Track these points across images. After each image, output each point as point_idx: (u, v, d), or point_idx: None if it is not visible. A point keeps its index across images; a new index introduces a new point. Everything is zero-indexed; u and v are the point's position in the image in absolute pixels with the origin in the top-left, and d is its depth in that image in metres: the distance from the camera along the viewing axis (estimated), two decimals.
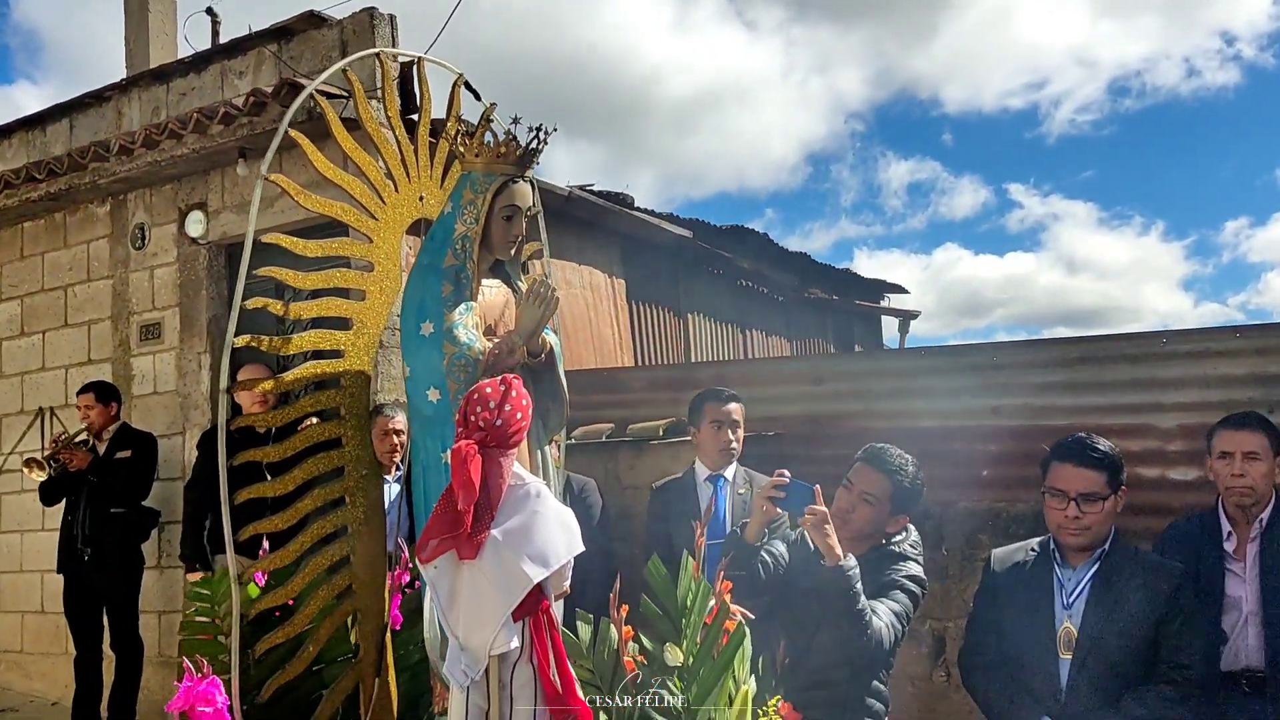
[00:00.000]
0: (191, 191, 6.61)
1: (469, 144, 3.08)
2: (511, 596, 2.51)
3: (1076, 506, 3.19)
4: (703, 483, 4.50)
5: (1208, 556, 3.48)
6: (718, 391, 4.52)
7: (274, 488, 3.05)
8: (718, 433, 4.42)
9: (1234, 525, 3.48)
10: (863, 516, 3.33)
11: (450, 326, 2.97)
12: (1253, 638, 3.37)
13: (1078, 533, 3.22)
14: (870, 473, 3.36)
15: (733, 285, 10.07)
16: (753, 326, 10.31)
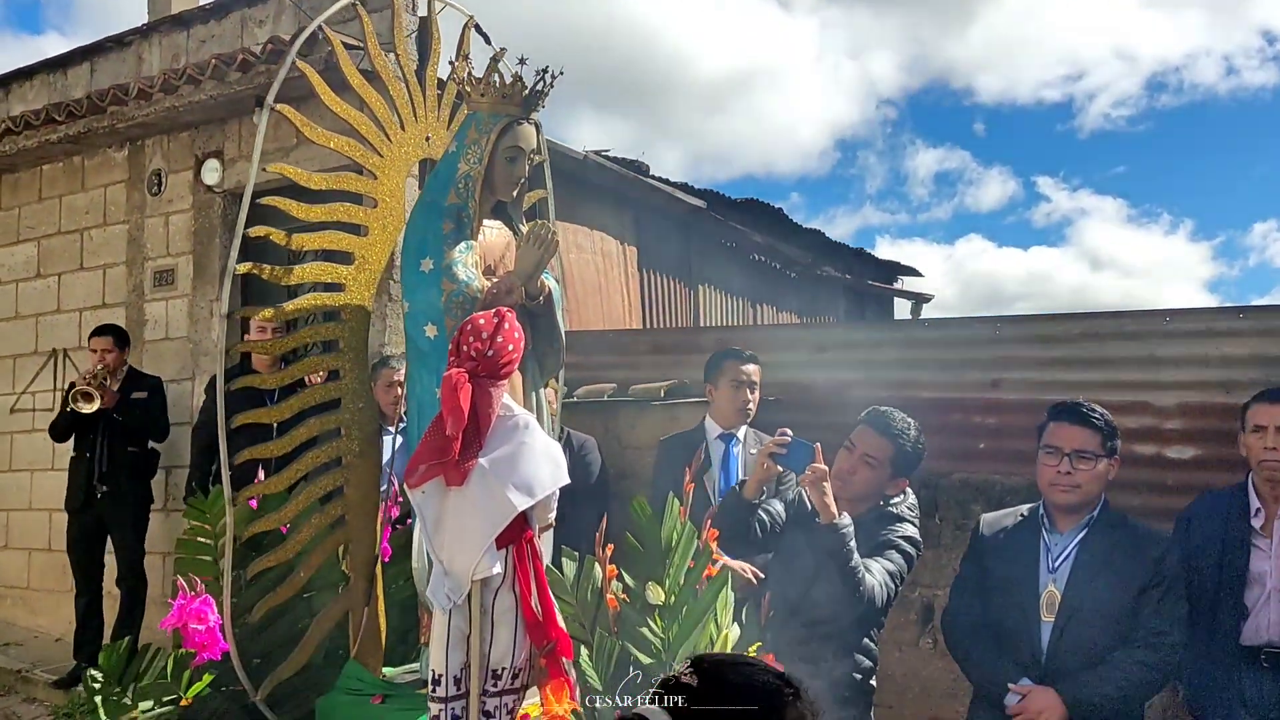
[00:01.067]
0: (209, 139, 6.66)
1: (475, 84, 3.10)
2: (496, 523, 2.56)
3: (1069, 462, 3.21)
4: (714, 440, 4.53)
5: (1234, 531, 3.50)
6: (738, 351, 4.55)
7: (271, 414, 3.10)
8: (736, 392, 4.45)
9: (1262, 502, 3.48)
10: (863, 478, 3.37)
11: (450, 264, 3.00)
12: (1274, 614, 3.38)
13: (1068, 490, 3.24)
14: (873, 435, 3.39)
15: (745, 259, 10.07)
16: (763, 301, 10.31)
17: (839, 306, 11.60)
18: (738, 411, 4.47)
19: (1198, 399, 4.60)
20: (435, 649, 2.65)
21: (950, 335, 5.35)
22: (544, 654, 2.61)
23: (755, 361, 4.51)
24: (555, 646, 2.62)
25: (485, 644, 2.63)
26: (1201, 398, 4.59)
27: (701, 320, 9.39)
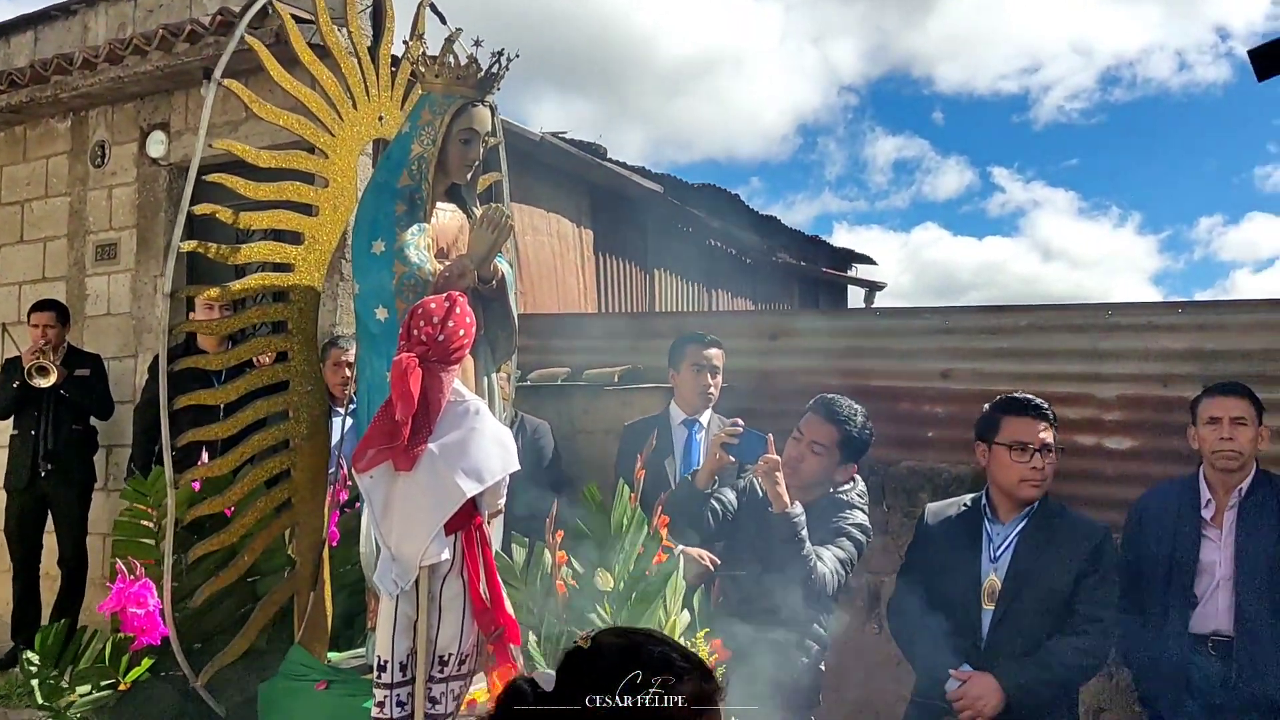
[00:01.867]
0: (154, 111, 6.52)
1: (430, 65, 3.06)
2: (444, 509, 2.54)
3: (1040, 457, 3.27)
4: (677, 425, 4.52)
5: (1185, 522, 3.59)
6: (700, 335, 4.54)
7: (216, 395, 3.05)
8: (696, 376, 4.45)
9: (1213, 493, 3.57)
10: (812, 465, 3.40)
11: (402, 246, 2.97)
12: (1223, 602, 3.48)
13: (1038, 484, 3.30)
14: (819, 423, 3.43)
15: (701, 244, 10.07)
16: (719, 286, 10.33)
17: (793, 293, 11.66)
18: (698, 396, 4.47)
19: (1137, 391, 4.70)
20: (382, 634, 2.64)
21: (901, 325, 5.41)
22: (491, 640, 2.61)
23: (718, 346, 4.51)
24: (503, 633, 2.61)
25: (432, 630, 2.62)
26: (1140, 390, 4.69)
27: (657, 305, 9.39)
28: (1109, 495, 4.56)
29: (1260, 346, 4.45)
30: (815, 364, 5.39)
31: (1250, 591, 3.43)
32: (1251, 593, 3.43)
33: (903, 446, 5.11)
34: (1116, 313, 4.83)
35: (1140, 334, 4.71)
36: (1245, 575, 3.45)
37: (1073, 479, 4.51)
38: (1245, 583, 3.44)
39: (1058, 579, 3.26)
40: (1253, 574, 3.44)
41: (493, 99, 3.20)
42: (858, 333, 5.50)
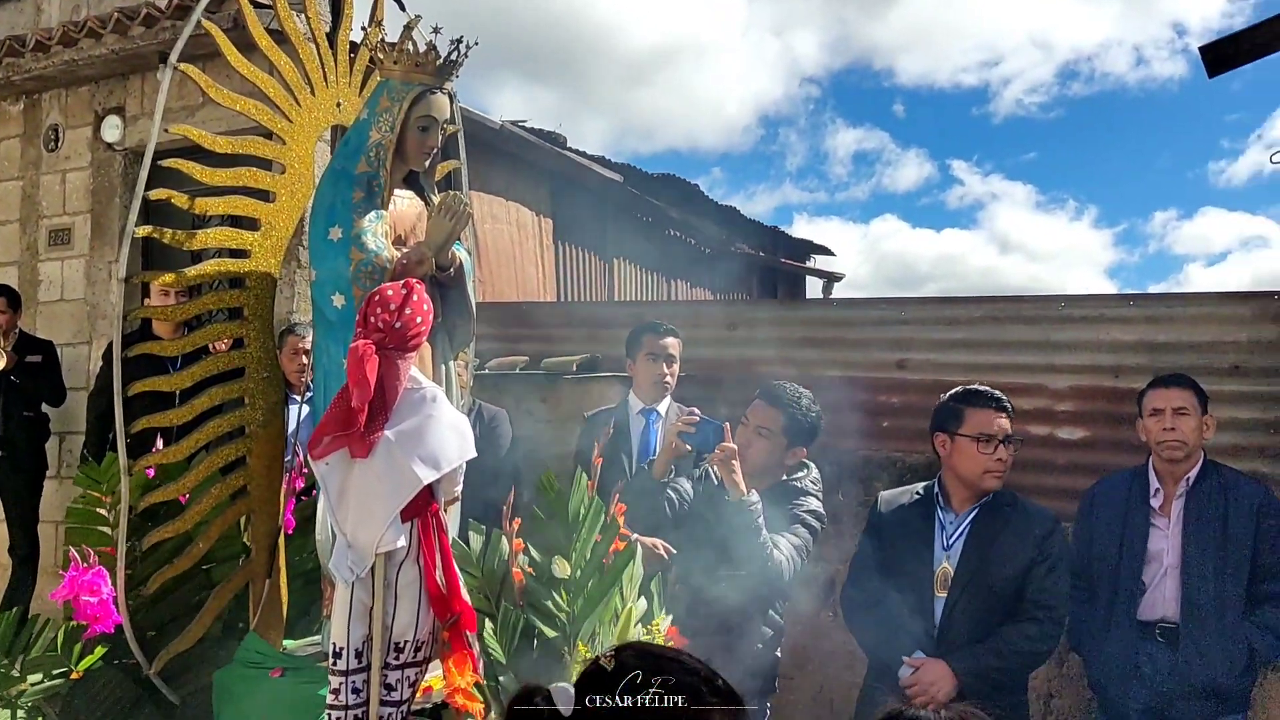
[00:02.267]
0: (109, 95, 6.43)
1: (388, 51, 3.05)
2: (400, 496, 2.54)
3: (1005, 449, 3.33)
4: (635, 415, 4.53)
5: (1134, 512, 3.66)
6: (656, 324, 4.54)
7: (171, 381, 3.02)
8: (652, 365, 4.45)
9: (1161, 483, 3.64)
10: (759, 450, 3.43)
11: (359, 233, 2.96)
12: (1170, 590, 3.55)
13: (1002, 474, 3.36)
14: (764, 408, 3.46)
15: (661, 234, 10.09)
16: (678, 276, 10.36)
17: (752, 283, 11.71)
18: (654, 385, 4.47)
19: (1089, 382, 4.78)
20: (337, 621, 2.63)
21: (858, 315, 5.46)
22: (447, 627, 2.61)
23: (675, 335, 4.51)
24: (459, 620, 2.62)
25: (388, 617, 2.63)
26: (1092, 381, 4.77)
27: (616, 294, 9.40)
28: (1061, 485, 4.64)
29: (1208, 339, 4.54)
30: (773, 354, 5.42)
31: (1196, 579, 3.51)
32: (1197, 581, 3.51)
33: (858, 436, 5.15)
34: (1069, 304, 4.90)
35: (1092, 326, 4.79)
36: (1191, 564, 3.53)
37: (1025, 469, 4.58)
38: (1191, 571, 3.52)
39: (1009, 567, 3.32)
40: (1199, 562, 3.52)
41: (452, 86, 3.19)
42: (815, 323, 5.55)
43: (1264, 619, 3.50)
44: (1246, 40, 4.11)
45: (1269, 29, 4.11)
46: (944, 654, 3.29)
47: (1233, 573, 3.49)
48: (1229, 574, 3.49)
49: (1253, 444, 4.34)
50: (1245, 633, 3.47)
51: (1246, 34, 4.12)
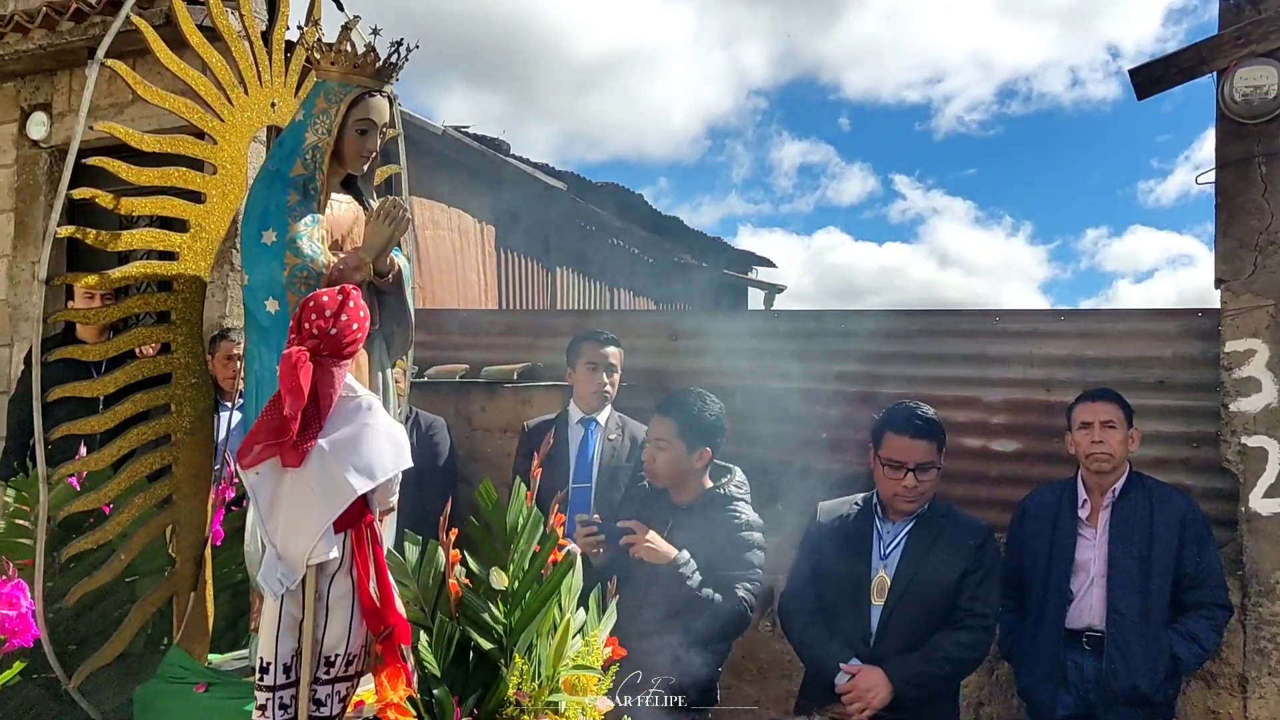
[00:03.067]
0: (36, 91, 6.25)
1: (325, 52, 2.99)
2: (334, 506, 2.49)
3: (914, 477, 3.37)
4: (575, 425, 4.50)
5: (1064, 522, 3.73)
6: (597, 333, 4.53)
7: (93, 387, 2.92)
8: (592, 374, 4.43)
9: (1089, 493, 3.72)
10: (664, 461, 3.49)
11: (294, 236, 2.89)
12: (1096, 599, 3.63)
13: (913, 500, 3.40)
14: (658, 420, 3.54)
15: (604, 243, 10.09)
16: (620, 285, 10.36)
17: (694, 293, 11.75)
18: (593, 395, 4.45)
19: (1022, 396, 4.86)
20: (265, 635, 2.56)
21: (799, 327, 5.49)
22: (380, 640, 2.56)
23: (615, 344, 4.50)
24: (392, 633, 2.57)
25: (319, 630, 2.56)
26: (1025, 394, 4.85)
27: (559, 302, 9.36)
28: (994, 496, 4.71)
29: (1136, 354, 4.64)
30: (714, 364, 5.44)
31: (1120, 589, 3.59)
32: (1121, 590, 3.58)
33: (798, 447, 5.19)
34: (1004, 319, 4.98)
35: (1025, 340, 4.87)
36: (1116, 573, 3.60)
37: (960, 480, 4.65)
38: (1116, 580, 3.60)
39: (944, 576, 3.37)
40: (1123, 572, 3.60)
41: (391, 89, 3.14)
42: (755, 334, 5.57)
43: (1188, 627, 3.58)
44: (1174, 63, 4.21)
45: (1195, 53, 4.22)
46: (880, 661, 3.33)
47: (1157, 582, 3.57)
48: (1153, 583, 3.57)
49: (1176, 457, 4.45)
50: (1169, 641, 3.55)
51: (1174, 57, 4.22)
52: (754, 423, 5.25)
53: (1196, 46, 4.23)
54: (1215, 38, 4.20)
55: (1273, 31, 4.11)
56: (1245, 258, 4.19)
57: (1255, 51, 4.12)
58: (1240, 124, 4.17)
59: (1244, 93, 4.13)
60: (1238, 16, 4.20)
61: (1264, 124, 4.14)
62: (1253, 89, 4.12)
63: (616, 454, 4.41)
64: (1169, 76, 4.25)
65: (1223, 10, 4.26)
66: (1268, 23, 4.12)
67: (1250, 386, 4.14)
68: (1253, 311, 4.14)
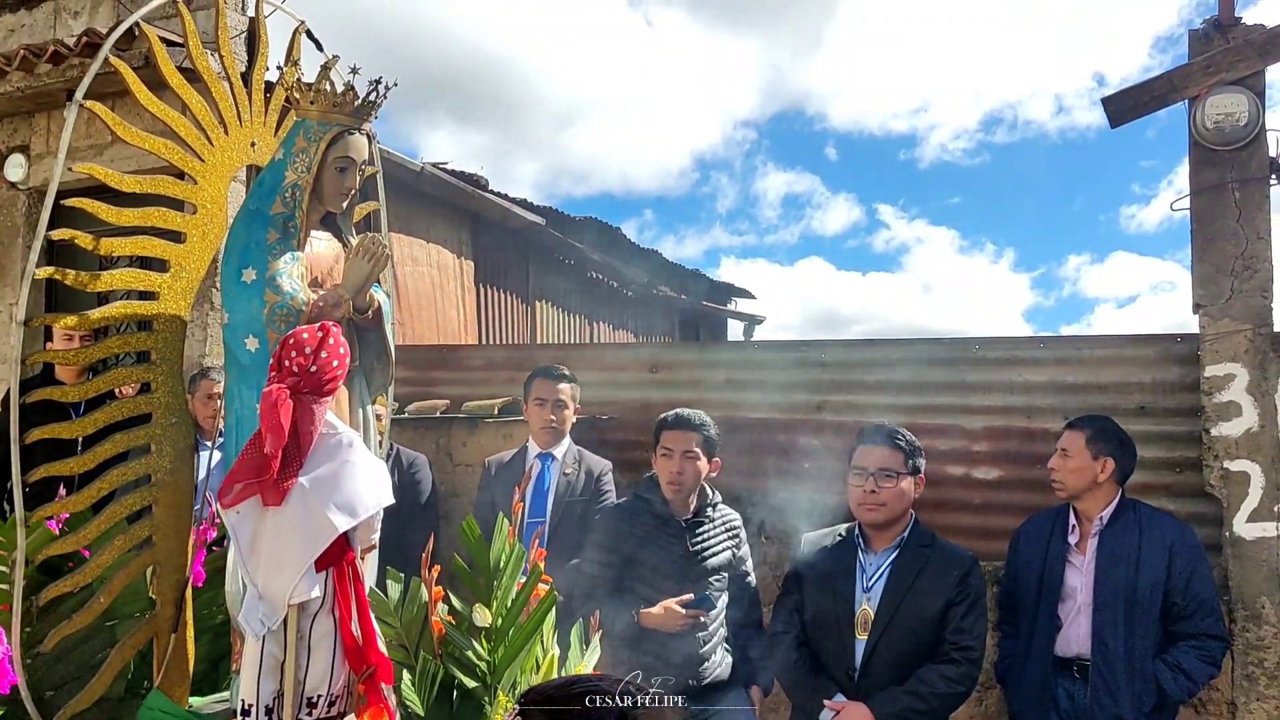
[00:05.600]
0: (14, 133, 6.24)
1: (305, 91, 3.00)
2: (315, 545, 2.47)
3: (874, 481, 3.37)
4: (532, 459, 4.51)
5: (1053, 549, 3.71)
6: (548, 369, 4.56)
7: (72, 429, 2.90)
8: (539, 410, 4.48)
9: (1079, 520, 3.70)
10: (692, 471, 3.63)
11: (274, 274, 2.89)
12: (1084, 627, 3.60)
13: (874, 508, 3.40)
14: (683, 434, 3.64)
15: (583, 276, 10.11)
16: (600, 319, 10.37)
17: (674, 325, 11.78)
18: (541, 430, 4.49)
19: (1002, 423, 4.87)
20: (246, 677, 2.53)
21: (779, 358, 5.50)
22: (363, 680, 2.53)
23: (566, 380, 4.53)
24: (375, 672, 2.54)
25: (301, 670, 2.53)
26: (1005, 422, 4.87)
27: (538, 336, 9.36)
28: (977, 524, 4.71)
29: (1115, 380, 4.67)
30: (694, 396, 5.43)
31: (1105, 618, 3.56)
32: (1106, 619, 3.56)
33: (779, 477, 5.18)
34: (983, 347, 5.01)
35: (1005, 368, 4.90)
36: (1103, 601, 3.58)
37: (943, 508, 4.65)
38: (1101, 609, 3.58)
39: (928, 608, 3.35)
40: (1110, 600, 3.57)
41: (370, 127, 3.15)
42: (735, 365, 5.58)
43: (1176, 659, 3.53)
44: (1146, 92, 4.28)
45: (1167, 81, 4.29)
46: (865, 697, 3.30)
47: (1143, 611, 3.54)
48: (1139, 613, 3.54)
49: (1159, 482, 4.46)
50: (1155, 671, 3.52)
51: (1146, 85, 4.29)
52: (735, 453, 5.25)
53: (1168, 75, 4.30)
54: (1186, 66, 4.27)
55: (1241, 60, 4.18)
56: (1222, 283, 4.23)
57: (1225, 80, 4.18)
58: (1213, 151, 4.23)
59: (1215, 120, 4.19)
60: (1207, 45, 4.27)
61: (1236, 150, 4.20)
62: (1224, 116, 4.18)
63: (571, 488, 4.44)
64: (1141, 105, 4.31)
65: (1192, 39, 4.34)
66: (1236, 51, 4.19)
67: (1231, 411, 4.17)
68: (1231, 336, 4.18)
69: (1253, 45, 4.15)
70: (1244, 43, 4.16)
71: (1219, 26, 4.24)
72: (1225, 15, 4.24)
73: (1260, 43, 4.15)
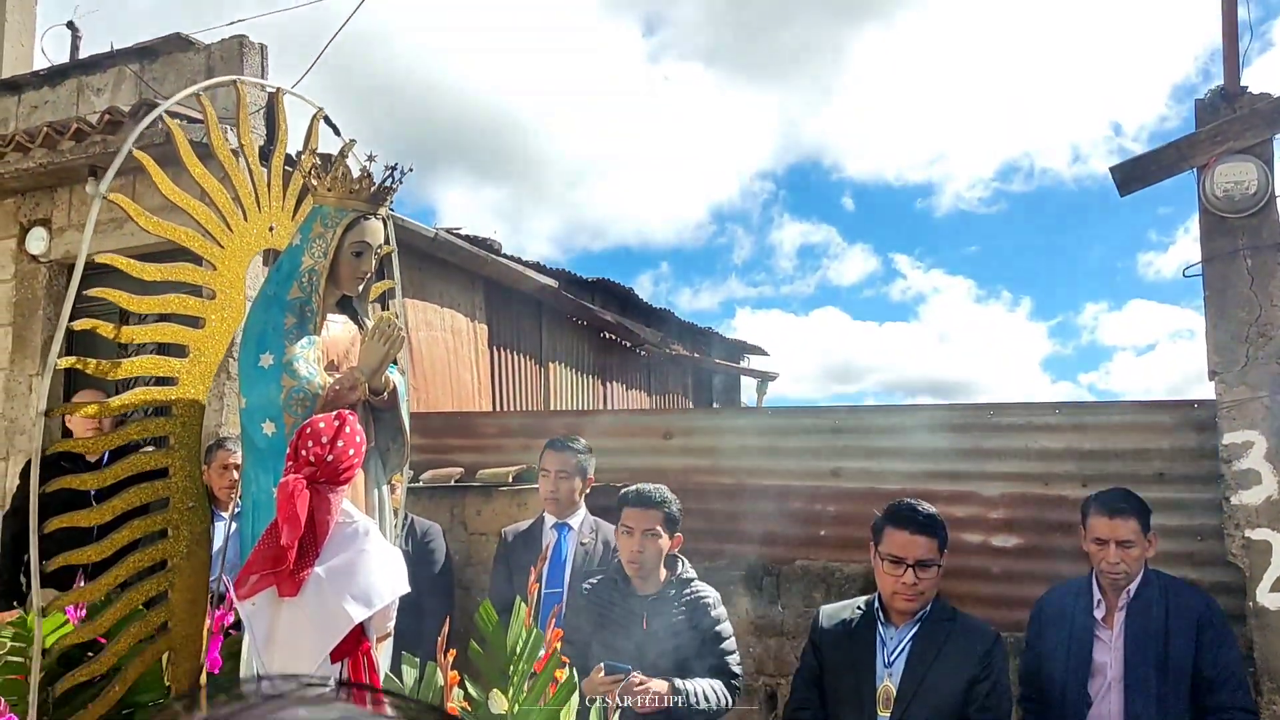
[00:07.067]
0: (36, 207, 6.33)
1: (323, 178, 3.05)
2: (331, 636, 2.46)
3: (914, 573, 3.31)
4: (549, 530, 4.50)
5: (1079, 623, 3.63)
6: (559, 440, 4.57)
7: (90, 516, 2.91)
8: (544, 480, 4.49)
9: (1104, 594, 3.63)
10: (652, 550, 3.60)
11: (290, 359, 2.92)
12: (1115, 703, 3.51)
13: (913, 598, 3.34)
14: (641, 513, 3.63)
15: (595, 337, 10.15)
16: (613, 379, 10.39)
17: (686, 384, 11.78)
18: (550, 500, 4.49)
19: (1019, 490, 4.84)
20: None
21: (792, 424, 5.50)
22: None
23: (575, 451, 4.53)
24: None
25: None
26: (1023, 489, 4.84)
27: (552, 398, 9.38)
28: (998, 593, 4.67)
29: (1133, 446, 4.64)
30: (709, 462, 5.44)
31: (1138, 693, 3.49)
32: (1139, 694, 3.49)
33: (796, 545, 5.16)
34: (998, 413, 4.99)
35: (1021, 433, 4.88)
36: (1134, 677, 3.52)
37: (962, 576, 4.61)
38: (1134, 684, 3.51)
39: (950, 685, 3.30)
40: (1141, 675, 3.51)
41: (386, 211, 3.20)
42: (750, 431, 5.58)
43: None
44: (1154, 161, 4.31)
45: (1174, 150, 4.31)
46: None
47: (1174, 686, 3.48)
48: (1170, 687, 3.48)
49: (1181, 550, 4.42)
50: None
51: (1154, 155, 4.32)
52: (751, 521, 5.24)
53: (1175, 144, 4.33)
54: (1193, 135, 4.30)
55: (1249, 129, 4.21)
56: (1237, 350, 4.22)
57: (1233, 148, 4.21)
58: (1224, 218, 4.25)
59: (1225, 188, 4.21)
60: (1214, 114, 4.31)
61: (1247, 218, 4.21)
62: (1233, 184, 4.20)
63: (589, 558, 4.42)
64: (1150, 174, 4.34)
65: (1199, 108, 4.37)
66: (1243, 120, 4.22)
67: (1250, 479, 4.14)
68: (1248, 403, 4.16)
69: (1260, 114, 4.18)
70: (1251, 111, 4.20)
71: (1226, 96, 4.27)
72: (1232, 85, 4.28)
73: (1268, 112, 4.18)
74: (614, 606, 3.61)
